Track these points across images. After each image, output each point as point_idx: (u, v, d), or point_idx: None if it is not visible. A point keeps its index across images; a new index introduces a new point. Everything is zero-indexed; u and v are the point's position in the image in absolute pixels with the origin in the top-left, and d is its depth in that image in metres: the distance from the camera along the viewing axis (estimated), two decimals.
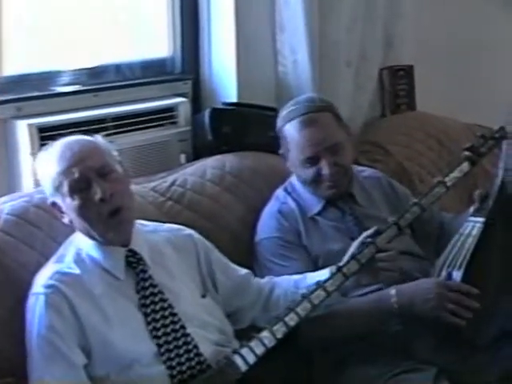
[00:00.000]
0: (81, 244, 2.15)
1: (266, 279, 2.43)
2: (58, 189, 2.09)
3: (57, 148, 2.13)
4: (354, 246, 2.29)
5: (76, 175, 2.06)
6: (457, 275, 2.28)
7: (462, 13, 3.90)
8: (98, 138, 2.21)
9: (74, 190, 2.07)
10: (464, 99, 3.84)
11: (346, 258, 2.25)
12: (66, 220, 2.15)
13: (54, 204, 2.14)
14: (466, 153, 2.53)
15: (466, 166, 2.51)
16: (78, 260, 2.12)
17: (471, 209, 2.46)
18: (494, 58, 4.07)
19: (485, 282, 2.28)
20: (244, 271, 2.41)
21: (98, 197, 2.05)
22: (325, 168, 2.50)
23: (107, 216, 2.08)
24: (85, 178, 2.07)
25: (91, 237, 2.12)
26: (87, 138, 2.19)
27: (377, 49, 3.53)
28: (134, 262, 2.15)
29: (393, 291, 2.30)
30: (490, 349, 2.29)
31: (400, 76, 3.69)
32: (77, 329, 2.01)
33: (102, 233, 2.10)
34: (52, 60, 2.83)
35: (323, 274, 2.25)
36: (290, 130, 2.55)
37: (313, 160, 2.52)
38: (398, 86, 3.69)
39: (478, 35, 3.94)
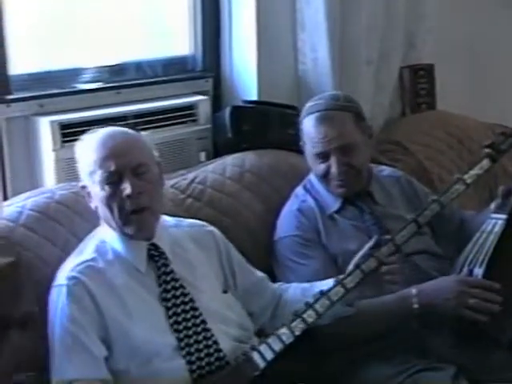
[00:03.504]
0: (104, 236, 2.17)
1: (277, 285, 2.42)
2: (91, 175, 2.11)
3: (100, 135, 2.14)
4: (357, 257, 2.25)
5: (112, 168, 2.08)
6: (478, 272, 2.27)
7: (482, 12, 3.88)
8: (143, 135, 2.23)
9: (106, 182, 2.09)
10: (484, 98, 3.83)
11: (350, 268, 2.21)
12: (92, 205, 2.16)
13: (83, 187, 2.17)
14: (487, 150, 2.50)
15: (486, 163, 2.48)
16: (101, 252, 2.14)
17: (492, 205, 2.45)
18: None
19: (507, 279, 2.26)
20: (261, 274, 2.41)
21: (126, 193, 2.07)
22: (334, 166, 2.50)
23: (130, 212, 2.10)
24: (119, 173, 2.08)
25: (112, 227, 2.14)
26: (133, 132, 2.21)
27: (397, 48, 3.52)
28: (155, 255, 2.16)
29: (414, 290, 2.30)
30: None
31: (420, 75, 3.68)
32: (98, 321, 2.02)
33: (122, 227, 2.12)
34: (74, 57, 2.85)
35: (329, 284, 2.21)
36: (307, 123, 2.56)
37: (323, 156, 2.52)
38: (418, 85, 3.68)
39: (498, 35, 3.92)
